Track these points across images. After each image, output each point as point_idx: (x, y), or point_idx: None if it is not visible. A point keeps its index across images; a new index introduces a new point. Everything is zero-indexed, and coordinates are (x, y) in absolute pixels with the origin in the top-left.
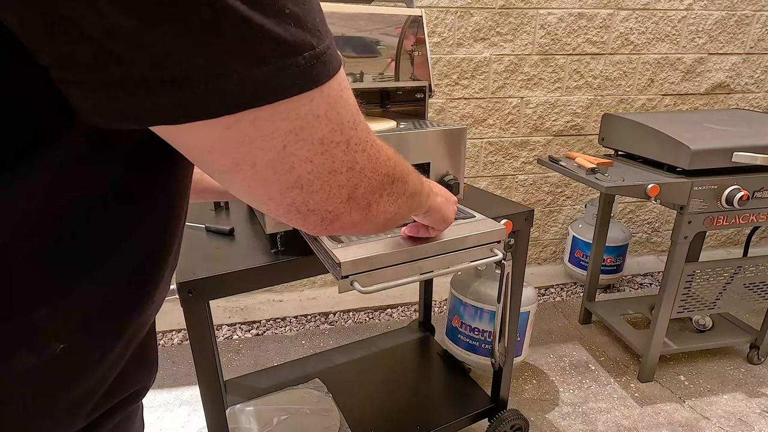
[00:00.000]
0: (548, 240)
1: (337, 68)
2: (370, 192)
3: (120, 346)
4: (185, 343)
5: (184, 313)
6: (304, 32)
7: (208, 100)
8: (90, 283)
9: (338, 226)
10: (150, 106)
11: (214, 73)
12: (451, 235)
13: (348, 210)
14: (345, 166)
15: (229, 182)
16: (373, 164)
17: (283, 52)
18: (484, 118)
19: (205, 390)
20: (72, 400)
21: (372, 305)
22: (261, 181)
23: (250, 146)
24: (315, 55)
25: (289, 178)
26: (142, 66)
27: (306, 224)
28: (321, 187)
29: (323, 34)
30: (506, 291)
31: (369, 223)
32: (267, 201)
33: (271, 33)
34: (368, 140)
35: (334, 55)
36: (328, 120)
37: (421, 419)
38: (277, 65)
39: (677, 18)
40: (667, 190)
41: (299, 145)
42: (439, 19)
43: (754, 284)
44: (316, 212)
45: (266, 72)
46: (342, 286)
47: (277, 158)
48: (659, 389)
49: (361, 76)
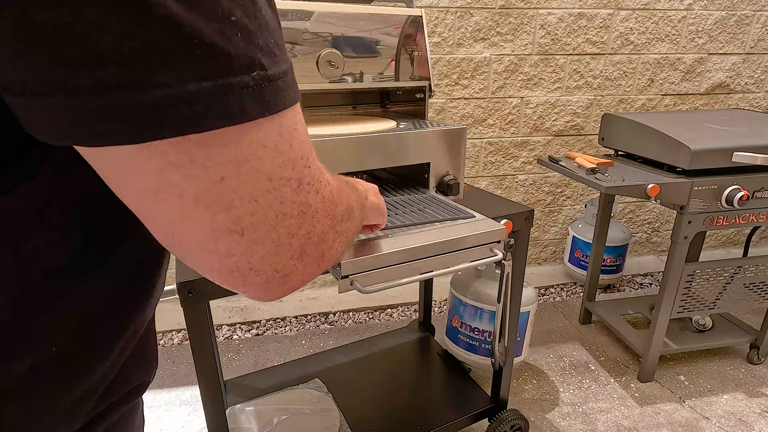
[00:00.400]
0: (548, 240)
1: (295, 100)
2: (324, 240)
3: (120, 345)
4: (185, 343)
5: (184, 313)
6: (253, 48)
7: (117, 120)
8: (90, 283)
9: (287, 287)
10: (55, 122)
11: (128, 87)
12: (451, 235)
13: (301, 267)
14: (296, 208)
15: (147, 215)
16: (326, 207)
17: (224, 67)
18: (484, 118)
19: (205, 390)
20: (73, 400)
21: (372, 305)
22: (188, 218)
23: (177, 173)
24: (267, 78)
25: (227, 219)
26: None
27: (246, 287)
28: (267, 234)
29: (279, 58)
30: (506, 291)
31: (321, 270)
32: (195, 249)
33: (210, 41)
34: (321, 181)
35: (292, 85)
36: (279, 153)
37: (421, 419)
38: (218, 83)
39: (677, 18)
40: (667, 190)
41: (242, 180)
42: (439, 19)
43: (754, 284)
44: (261, 272)
45: (202, 89)
46: (342, 286)
47: (211, 192)
48: (659, 389)
49: (361, 76)
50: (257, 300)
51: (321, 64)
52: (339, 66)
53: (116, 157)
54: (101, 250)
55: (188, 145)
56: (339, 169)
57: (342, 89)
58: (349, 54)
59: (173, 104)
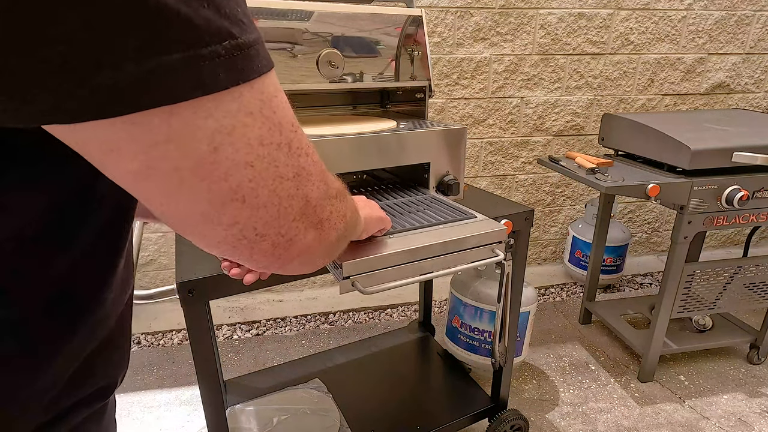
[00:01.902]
0: (548, 240)
1: (270, 67)
2: (321, 203)
3: (84, 332)
4: (185, 343)
5: (184, 313)
6: (221, 18)
7: (95, 96)
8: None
9: (294, 253)
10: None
11: (102, 64)
12: (452, 236)
13: (303, 230)
14: (291, 170)
15: (144, 193)
16: (318, 171)
17: (194, 39)
18: (484, 118)
19: (205, 390)
20: (30, 392)
21: (372, 305)
22: (187, 191)
23: (167, 147)
24: (238, 46)
25: (225, 188)
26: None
27: (254, 254)
28: (269, 199)
29: (248, 26)
30: (506, 291)
31: (323, 243)
32: (198, 223)
33: (177, 14)
34: (309, 146)
35: (264, 53)
36: (265, 118)
37: (421, 419)
38: (189, 54)
39: (677, 18)
40: (667, 190)
41: (235, 147)
42: (439, 19)
43: (754, 284)
44: (267, 236)
45: (174, 61)
46: (343, 287)
47: (205, 163)
48: (659, 389)
49: (361, 76)
50: (264, 269)
51: (321, 64)
52: (339, 66)
53: (101, 137)
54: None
55: (173, 119)
56: (340, 169)
57: (342, 89)
58: (349, 54)
59: (144, 78)
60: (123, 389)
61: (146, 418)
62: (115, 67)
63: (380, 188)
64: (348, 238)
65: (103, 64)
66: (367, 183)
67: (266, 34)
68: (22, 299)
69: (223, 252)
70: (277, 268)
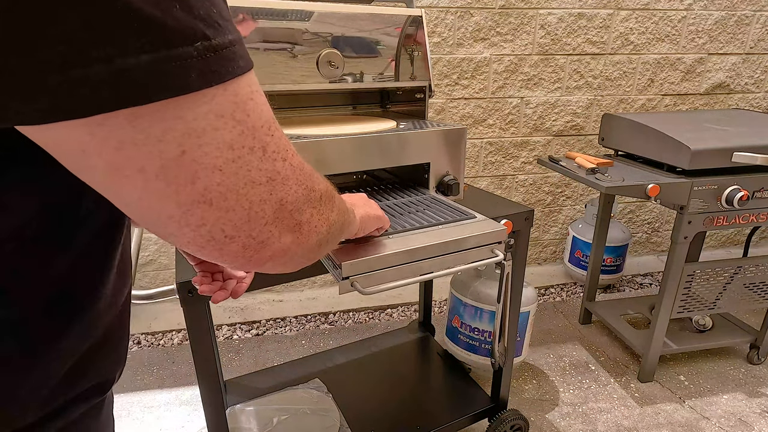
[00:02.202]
0: (548, 240)
1: (246, 69)
2: (298, 207)
3: (80, 328)
4: (185, 343)
5: (184, 313)
6: (193, 19)
7: (61, 96)
8: (50, 251)
9: (266, 255)
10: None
11: (68, 63)
12: (451, 236)
13: (276, 233)
14: (264, 175)
15: (114, 194)
16: (297, 175)
17: (164, 40)
18: (484, 118)
19: (205, 390)
20: (26, 386)
21: (372, 305)
22: (154, 193)
23: (134, 149)
24: (212, 47)
25: (193, 191)
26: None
27: (224, 255)
28: (238, 203)
29: (224, 28)
30: (506, 291)
31: (302, 247)
32: (167, 223)
33: (146, 15)
34: (288, 150)
35: (241, 54)
36: (236, 122)
37: (421, 419)
38: (159, 55)
39: (677, 18)
40: (667, 190)
41: (203, 151)
42: (439, 19)
43: (754, 284)
44: (236, 238)
45: (141, 62)
46: (343, 288)
47: (173, 165)
48: (659, 389)
49: (361, 76)
50: (238, 269)
51: (321, 64)
52: (339, 66)
53: (69, 138)
54: (67, 218)
55: (141, 120)
56: (339, 170)
57: (342, 89)
58: (349, 54)
59: (112, 79)
60: (123, 389)
61: (146, 418)
62: (84, 67)
63: (380, 188)
64: (336, 240)
65: (71, 65)
66: (367, 183)
67: (266, 34)
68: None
69: (193, 251)
70: (250, 268)
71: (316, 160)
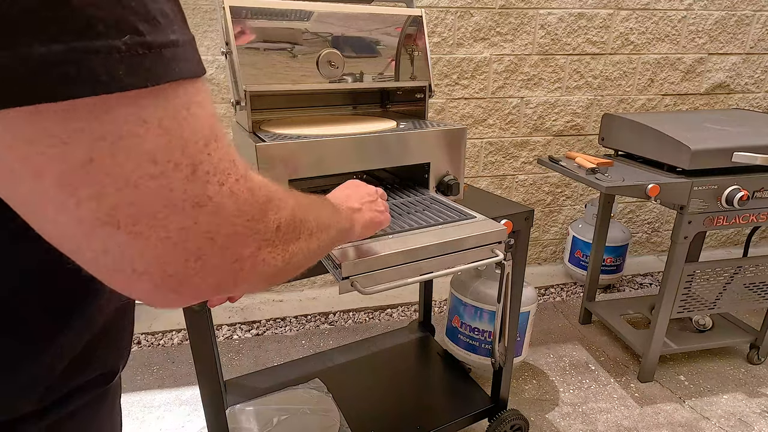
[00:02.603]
0: (548, 240)
1: (191, 74)
2: (236, 242)
3: (81, 319)
4: (185, 343)
5: (184, 313)
6: (122, 10)
7: None
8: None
9: (184, 297)
10: None
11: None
12: (451, 236)
13: (201, 272)
14: (190, 199)
15: (10, 200)
16: (239, 205)
17: (81, 29)
18: (484, 118)
19: (205, 390)
20: (28, 372)
21: (372, 305)
22: (51, 204)
23: (30, 148)
24: (145, 44)
25: (97, 208)
26: None
27: (135, 293)
28: (152, 230)
29: (165, 26)
30: (506, 291)
31: (240, 286)
32: (68, 243)
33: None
34: (231, 174)
35: (186, 57)
36: (164, 131)
37: (421, 419)
38: (74, 45)
39: (677, 18)
40: (667, 190)
41: (117, 161)
42: (439, 19)
43: (754, 284)
44: (147, 275)
45: (53, 52)
46: (343, 287)
47: (76, 174)
48: (659, 389)
49: (361, 76)
50: (154, 307)
51: (321, 64)
52: (339, 66)
53: None
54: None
55: (42, 118)
56: (340, 169)
57: (342, 89)
58: (349, 54)
59: (15, 69)
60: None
61: (146, 418)
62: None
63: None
64: (311, 260)
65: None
66: (367, 183)
67: (266, 34)
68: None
69: (102, 280)
70: (164, 307)
71: (316, 160)
